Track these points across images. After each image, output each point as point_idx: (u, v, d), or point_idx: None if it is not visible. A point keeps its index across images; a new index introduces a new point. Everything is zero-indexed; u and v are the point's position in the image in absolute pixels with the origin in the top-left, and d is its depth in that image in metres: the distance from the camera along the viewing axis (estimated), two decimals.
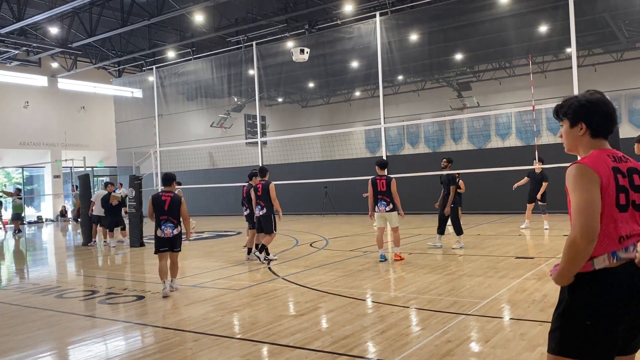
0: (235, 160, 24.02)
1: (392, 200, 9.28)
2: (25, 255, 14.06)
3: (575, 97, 2.38)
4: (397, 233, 9.51)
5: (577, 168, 2.22)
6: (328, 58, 22.56)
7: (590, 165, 2.21)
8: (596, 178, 2.18)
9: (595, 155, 2.28)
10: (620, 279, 2.18)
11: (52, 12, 18.90)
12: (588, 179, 2.18)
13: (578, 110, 2.34)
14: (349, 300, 6.49)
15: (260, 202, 9.77)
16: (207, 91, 26.04)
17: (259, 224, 9.91)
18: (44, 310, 6.69)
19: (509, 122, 29.50)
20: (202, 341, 5.04)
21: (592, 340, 2.16)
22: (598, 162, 2.23)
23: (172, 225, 7.46)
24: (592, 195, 2.16)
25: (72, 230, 21.56)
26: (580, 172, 2.21)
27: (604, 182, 2.19)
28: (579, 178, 2.20)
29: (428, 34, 20.47)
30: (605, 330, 2.15)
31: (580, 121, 2.33)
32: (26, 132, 26.37)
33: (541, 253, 9.63)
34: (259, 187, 9.85)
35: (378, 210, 9.34)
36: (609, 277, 2.18)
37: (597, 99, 2.33)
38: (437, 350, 4.46)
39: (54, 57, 26.60)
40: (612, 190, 2.19)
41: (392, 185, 9.28)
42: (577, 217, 2.15)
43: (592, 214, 2.14)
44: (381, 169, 9.46)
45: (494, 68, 29.11)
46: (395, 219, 9.38)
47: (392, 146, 32.20)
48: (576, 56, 13.05)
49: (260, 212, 9.78)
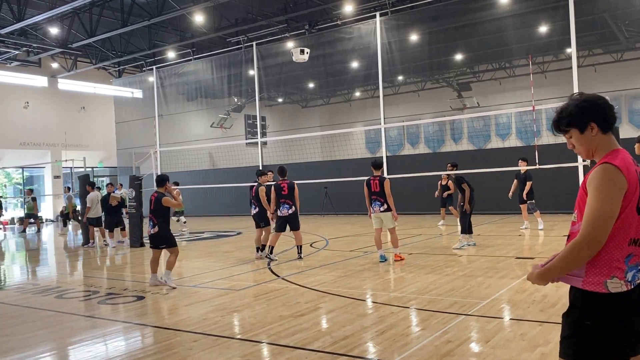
0: (235, 161, 24.02)
1: (387, 201, 9.21)
2: (25, 255, 14.06)
3: (569, 105, 2.32)
4: (395, 234, 9.47)
5: (610, 170, 2.14)
6: (328, 58, 22.56)
7: (622, 168, 2.15)
8: (624, 185, 2.13)
9: (623, 157, 2.22)
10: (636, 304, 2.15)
11: (52, 13, 18.91)
12: (617, 186, 2.12)
13: (582, 113, 2.29)
14: (349, 300, 6.49)
15: (288, 201, 9.87)
16: (207, 91, 26.04)
17: (285, 223, 9.94)
18: (44, 311, 6.69)
19: (509, 122, 29.50)
20: (202, 341, 5.03)
21: (609, 342, 2.13)
22: (627, 165, 2.18)
23: (151, 224, 7.84)
24: (613, 207, 2.11)
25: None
26: (610, 176, 2.13)
27: (630, 188, 2.14)
28: (607, 182, 2.13)
29: (428, 34, 20.48)
30: (623, 331, 2.13)
31: (589, 122, 2.28)
32: (26, 132, 26.38)
33: (541, 253, 9.63)
34: (284, 186, 9.89)
35: (373, 211, 9.31)
36: (626, 301, 2.14)
37: (589, 97, 2.30)
38: (437, 350, 4.46)
39: (54, 58, 26.60)
40: (637, 195, 2.15)
41: (385, 185, 9.18)
42: (589, 225, 2.10)
43: (607, 228, 2.10)
44: (376, 170, 9.40)
45: (494, 68, 29.11)
46: (390, 219, 9.32)
47: (392, 146, 32.20)
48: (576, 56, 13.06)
49: (288, 211, 9.87)
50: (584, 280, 2.18)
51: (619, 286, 2.14)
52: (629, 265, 2.17)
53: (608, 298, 2.14)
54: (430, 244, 11.78)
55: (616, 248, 2.16)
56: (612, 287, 2.14)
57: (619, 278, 2.14)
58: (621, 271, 2.15)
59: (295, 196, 9.94)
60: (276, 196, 9.94)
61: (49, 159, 26.67)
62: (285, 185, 9.90)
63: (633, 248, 2.18)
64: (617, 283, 2.14)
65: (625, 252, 2.16)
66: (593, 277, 2.16)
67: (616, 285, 2.14)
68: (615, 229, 2.14)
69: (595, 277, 2.16)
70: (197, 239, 15.57)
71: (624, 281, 2.14)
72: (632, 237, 2.17)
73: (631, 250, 2.17)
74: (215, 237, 15.74)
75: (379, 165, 9.50)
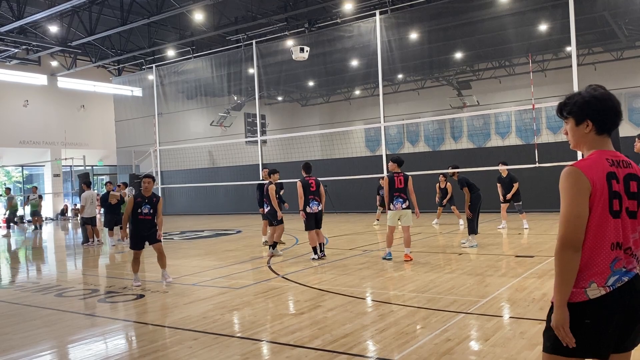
0: (235, 159, 24.01)
1: (409, 198, 9.22)
2: (25, 254, 14.06)
3: (579, 94, 2.32)
4: (409, 233, 9.36)
5: (570, 173, 2.19)
6: (328, 57, 22.56)
7: (584, 169, 2.18)
8: (587, 186, 2.16)
9: (593, 158, 2.24)
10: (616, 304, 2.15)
11: (51, 11, 18.88)
12: (578, 187, 2.16)
13: (583, 107, 2.29)
14: (349, 298, 6.49)
15: (317, 198, 9.77)
16: (207, 90, 26.04)
17: (315, 219, 9.74)
18: (44, 309, 6.69)
19: (509, 120, 29.50)
20: (201, 340, 5.04)
21: (587, 337, 2.15)
22: (594, 166, 2.20)
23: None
24: (578, 208, 2.15)
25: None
26: (572, 179, 2.18)
27: (596, 188, 2.16)
28: (569, 186, 2.18)
29: (428, 32, 20.47)
30: (600, 328, 2.15)
31: (586, 118, 2.29)
32: (26, 130, 26.36)
33: (541, 252, 9.63)
34: (312, 183, 9.79)
35: (394, 208, 9.15)
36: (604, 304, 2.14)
37: (602, 94, 2.29)
38: (437, 348, 4.47)
39: (54, 56, 26.58)
40: (605, 195, 2.17)
41: (409, 182, 9.22)
42: (561, 227, 2.17)
43: (576, 227, 2.14)
44: (399, 166, 9.29)
45: (494, 67, 29.10)
46: (410, 217, 9.30)
47: (392, 145, 32.20)
48: (576, 55, 13.07)
49: (319, 207, 9.80)
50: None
51: (597, 292, 2.15)
52: (614, 269, 2.17)
53: (587, 304, 2.15)
54: (430, 243, 11.79)
55: (597, 254, 2.17)
56: (591, 294, 2.16)
57: (597, 284, 2.15)
58: (603, 277, 2.16)
59: (322, 193, 9.87)
60: (304, 193, 9.71)
61: (48, 157, 26.66)
62: (314, 182, 9.78)
63: (617, 252, 2.18)
64: (595, 290, 2.15)
65: (610, 257, 2.17)
66: (575, 288, 2.17)
67: (595, 292, 2.15)
68: (592, 234, 2.16)
69: (576, 287, 2.17)
70: (196, 237, 15.57)
71: (603, 287, 2.15)
72: (613, 242, 2.17)
73: (616, 255, 2.18)
74: (214, 236, 15.74)
75: (401, 161, 9.37)
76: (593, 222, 2.16)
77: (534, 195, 16.84)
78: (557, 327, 2.17)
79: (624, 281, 2.17)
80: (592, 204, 2.16)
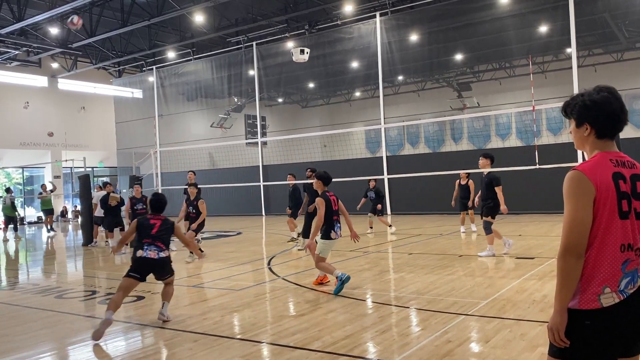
0: (235, 161, 24.02)
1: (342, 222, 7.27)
2: (26, 255, 14.06)
3: (581, 96, 2.30)
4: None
5: (574, 177, 2.17)
6: (328, 58, 22.58)
7: (587, 172, 2.16)
8: (591, 189, 2.13)
9: (596, 160, 2.22)
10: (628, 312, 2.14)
11: (52, 13, 18.92)
12: (582, 191, 2.14)
13: (582, 112, 2.28)
14: (349, 300, 6.48)
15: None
16: (207, 91, 26.07)
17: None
18: (44, 311, 6.68)
19: (509, 122, 29.52)
20: (202, 341, 5.03)
21: (594, 343, 2.14)
22: (597, 168, 2.18)
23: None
24: (582, 213, 2.12)
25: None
26: (575, 183, 2.16)
27: (600, 191, 2.13)
28: (572, 190, 2.16)
29: (428, 34, 20.50)
30: (608, 335, 2.13)
31: (585, 122, 2.27)
32: (26, 132, 26.39)
33: (541, 253, 9.62)
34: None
35: (337, 236, 7.08)
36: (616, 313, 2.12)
37: (602, 98, 2.24)
38: (437, 350, 4.46)
39: (54, 58, 26.62)
40: (612, 197, 2.14)
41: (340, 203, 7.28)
42: (564, 233, 2.15)
43: (580, 233, 2.12)
44: (325, 184, 7.27)
45: (494, 68, 29.14)
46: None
47: (392, 146, 32.21)
48: (576, 56, 13.09)
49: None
50: (579, 299, 2.16)
51: (611, 299, 2.12)
52: (626, 272, 2.15)
53: (599, 312, 2.13)
54: (430, 244, 11.77)
55: (606, 257, 2.14)
56: (604, 301, 2.13)
57: (611, 289, 2.13)
58: (615, 280, 2.13)
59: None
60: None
61: (49, 158, 26.68)
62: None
63: (628, 254, 2.16)
64: (609, 295, 2.12)
65: (620, 259, 2.15)
66: (586, 294, 2.15)
67: (608, 299, 2.12)
68: (600, 237, 2.14)
69: (587, 294, 2.14)
70: (197, 239, 15.53)
71: (616, 292, 2.13)
72: (623, 243, 2.15)
73: (627, 257, 2.16)
74: (215, 237, 15.74)
75: (330, 179, 7.39)
76: (600, 225, 2.14)
77: (534, 196, 16.84)
78: (551, 330, 2.18)
79: (636, 285, 2.15)
80: (597, 207, 2.14)
